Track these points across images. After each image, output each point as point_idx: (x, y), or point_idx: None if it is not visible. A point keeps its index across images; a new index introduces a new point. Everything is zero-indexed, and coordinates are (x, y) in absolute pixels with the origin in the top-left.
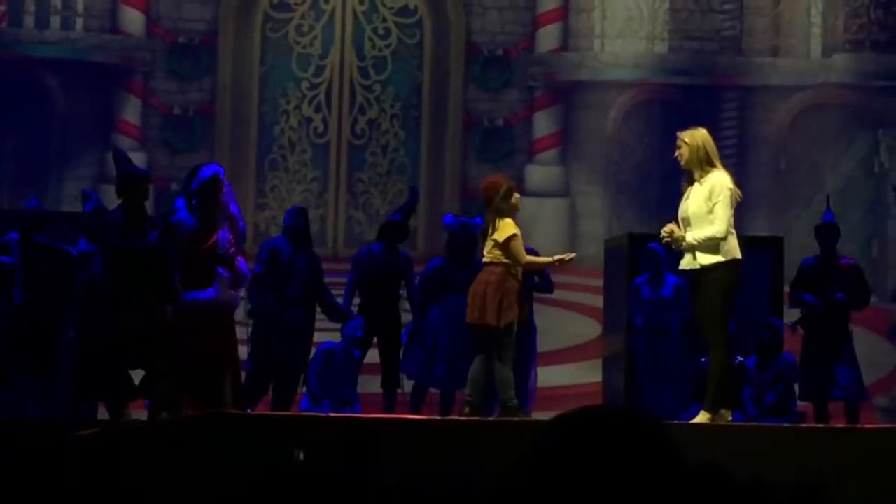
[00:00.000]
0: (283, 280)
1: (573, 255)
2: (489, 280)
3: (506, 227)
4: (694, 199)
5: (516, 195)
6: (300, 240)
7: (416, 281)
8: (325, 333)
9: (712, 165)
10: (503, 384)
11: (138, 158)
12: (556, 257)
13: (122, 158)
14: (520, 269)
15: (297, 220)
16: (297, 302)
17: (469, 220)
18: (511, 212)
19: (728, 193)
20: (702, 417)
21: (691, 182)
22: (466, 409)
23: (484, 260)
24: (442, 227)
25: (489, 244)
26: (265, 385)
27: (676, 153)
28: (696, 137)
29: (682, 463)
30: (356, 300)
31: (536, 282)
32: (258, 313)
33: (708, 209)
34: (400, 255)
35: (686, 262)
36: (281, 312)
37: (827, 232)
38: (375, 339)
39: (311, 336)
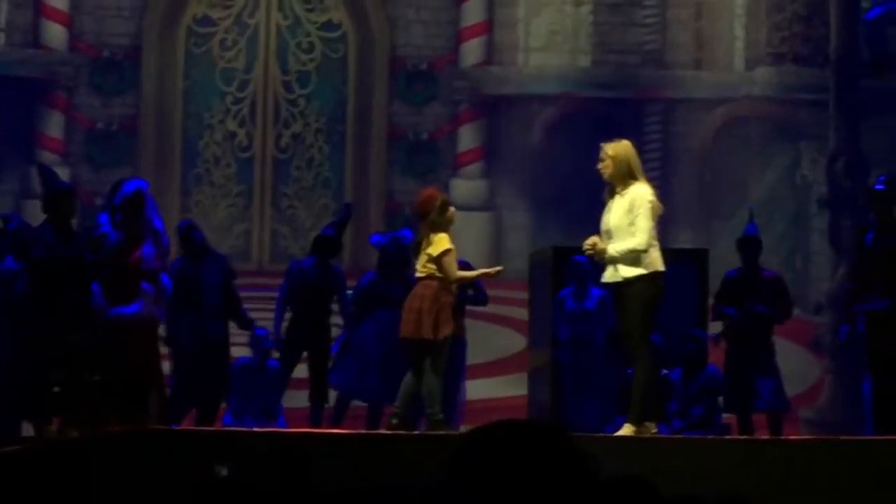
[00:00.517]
0: (195, 296)
1: (500, 268)
2: (425, 294)
3: (440, 242)
4: (615, 212)
5: (451, 209)
6: (196, 252)
7: (349, 294)
8: (244, 349)
9: (634, 178)
10: (431, 398)
11: (62, 174)
12: (481, 270)
13: (48, 174)
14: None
15: (187, 235)
16: (213, 315)
17: (398, 233)
18: (446, 226)
19: (649, 206)
20: (626, 430)
21: (613, 194)
22: (394, 421)
23: (418, 274)
24: (370, 244)
25: (423, 258)
26: (188, 402)
27: (600, 165)
28: (619, 151)
29: (593, 477)
30: (287, 314)
31: (471, 295)
32: (174, 334)
33: (629, 221)
34: (332, 270)
35: (608, 275)
36: (197, 328)
37: (748, 244)
38: (305, 354)
39: (228, 348)
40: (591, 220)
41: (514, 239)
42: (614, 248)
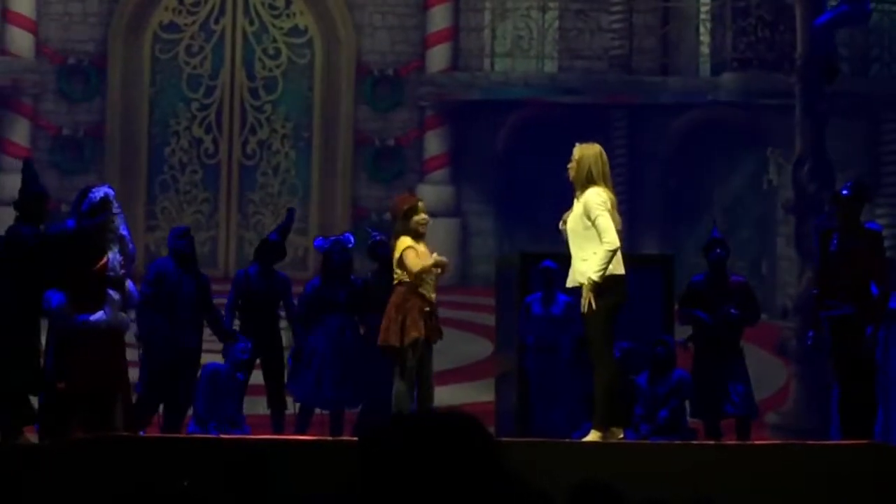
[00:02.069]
0: (171, 301)
1: (445, 260)
2: (394, 301)
3: (399, 245)
4: (572, 216)
5: (419, 216)
6: (185, 260)
7: (296, 302)
8: (211, 354)
9: (592, 183)
10: (398, 404)
11: None
12: (435, 257)
13: (29, 174)
14: (429, 287)
15: (181, 241)
16: (186, 323)
17: (341, 237)
18: (413, 232)
19: (602, 206)
20: (593, 436)
21: (575, 197)
22: None
23: (395, 282)
24: (314, 247)
25: (394, 265)
26: (155, 407)
27: (568, 166)
28: (584, 154)
29: (505, 467)
30: (236, 322)
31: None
32: (147, 335)
33: (584, 226)
34: (277, 276)
35: (571, 281)
36: (170, 334)
37: (716, 248)
38: (258, 361)
39: (200, 357)
40: (558, 226)
41: (481, 244)
42: (594, 272)
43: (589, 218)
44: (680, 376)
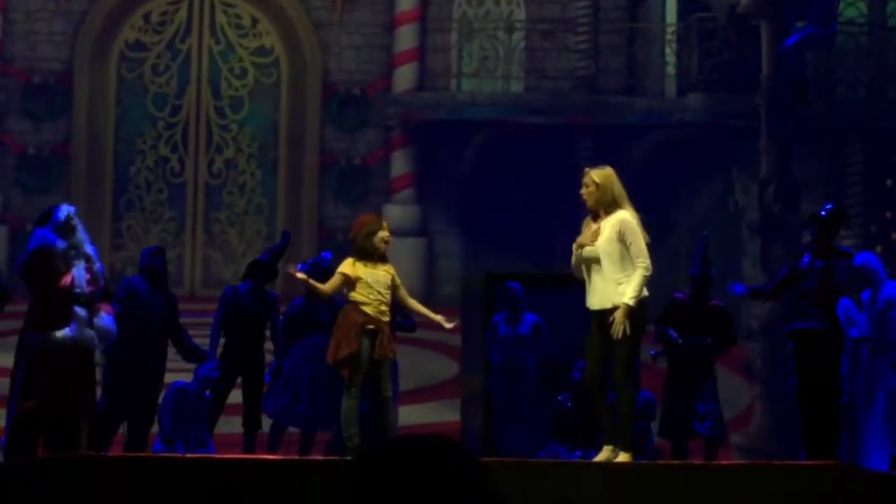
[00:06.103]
0: (142, 319)
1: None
2: (337, 320)
3: (342, 265)
4: (604, 239)
5: (380, 234)
6: (157, 279)
7: (280, 319)
8: (176, 374)
9: (619, 206)
10: (343, 422)
11: None
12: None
13: None
14: (371, 306)
15: (155, 260)
16: (153, 342)
17: (318, 258)
18: (371, 252)
19: (639, 230)
20: (623, 457)
21: (595, 220)
22: (348, 445)
23: None
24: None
25: None
26: (116, 425)
27: (583, 191)
28: (605, 179)
29: (490, 492)
30: (222, 340)
31: (399, 321)
32: (114, 352)
33: (619, 249)
34: (267, 295)
35: (600, 303)
36: (136, 354)
37: (704, 283)
38: (239, 380)
39: (162, 377)
40: (523, 246)
41: (446, 264)
42: (630, 297)
43: (624, 240)
44: (645, 398)
